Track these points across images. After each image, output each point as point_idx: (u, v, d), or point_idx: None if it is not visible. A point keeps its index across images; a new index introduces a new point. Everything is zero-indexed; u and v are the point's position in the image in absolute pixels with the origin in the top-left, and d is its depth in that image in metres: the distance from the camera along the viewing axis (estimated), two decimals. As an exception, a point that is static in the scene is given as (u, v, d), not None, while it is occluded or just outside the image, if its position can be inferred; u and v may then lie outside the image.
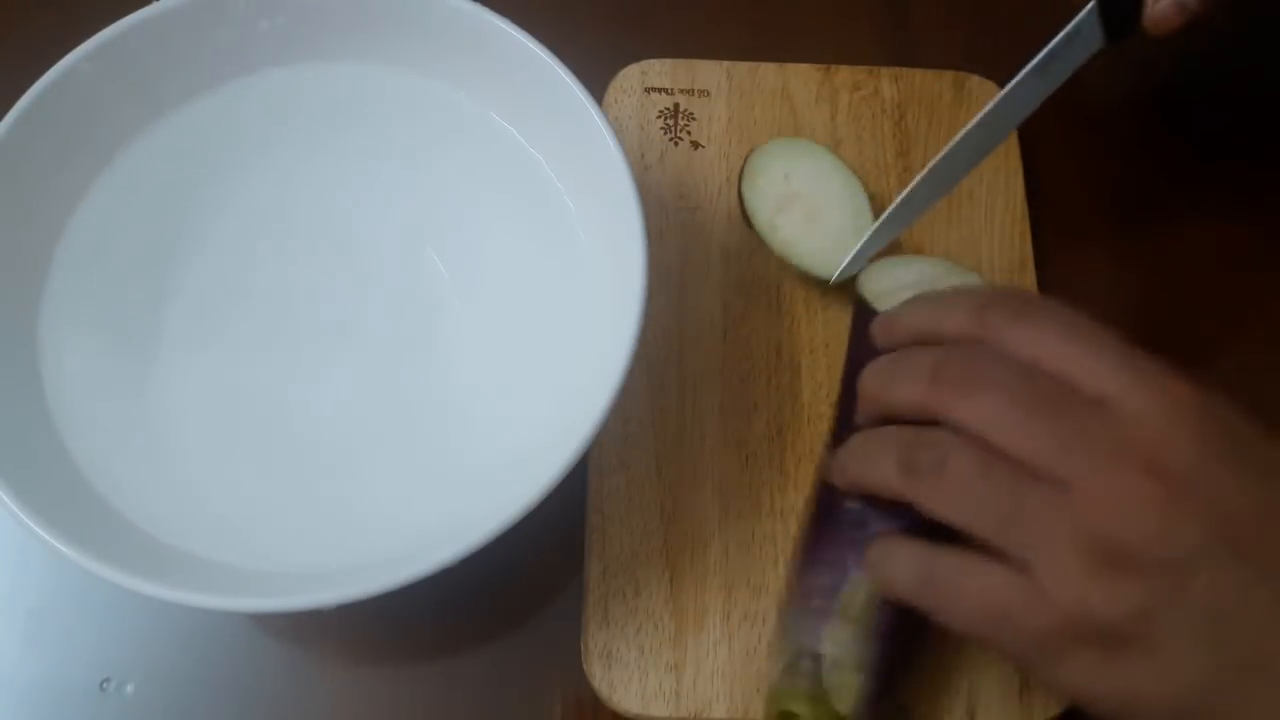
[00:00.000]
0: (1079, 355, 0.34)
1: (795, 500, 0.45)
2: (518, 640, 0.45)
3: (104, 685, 0.43)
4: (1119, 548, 0.32)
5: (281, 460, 0.41)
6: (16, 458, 0.37)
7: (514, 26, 0.42)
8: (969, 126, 0.42)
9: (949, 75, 0.53)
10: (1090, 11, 0.40)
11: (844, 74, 0.52)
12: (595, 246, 0.43)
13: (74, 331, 0.41)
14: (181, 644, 0.44)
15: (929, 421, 0.35)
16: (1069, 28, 0.40)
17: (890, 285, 0.44)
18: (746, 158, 0.48)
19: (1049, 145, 0.49)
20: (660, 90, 0.52)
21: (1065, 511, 0.32)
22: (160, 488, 0.40)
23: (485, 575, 0.42)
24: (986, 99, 0.52)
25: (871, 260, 0.46)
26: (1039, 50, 0.41)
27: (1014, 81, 0.41)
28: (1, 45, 0.53)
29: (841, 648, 0.38)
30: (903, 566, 0.36)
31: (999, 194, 0.51)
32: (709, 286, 0.49)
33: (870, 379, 0.39)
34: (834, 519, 0.40)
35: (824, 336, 0.48)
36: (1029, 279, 0.49)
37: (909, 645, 0.40)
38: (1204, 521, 0.32)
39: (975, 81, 0.53)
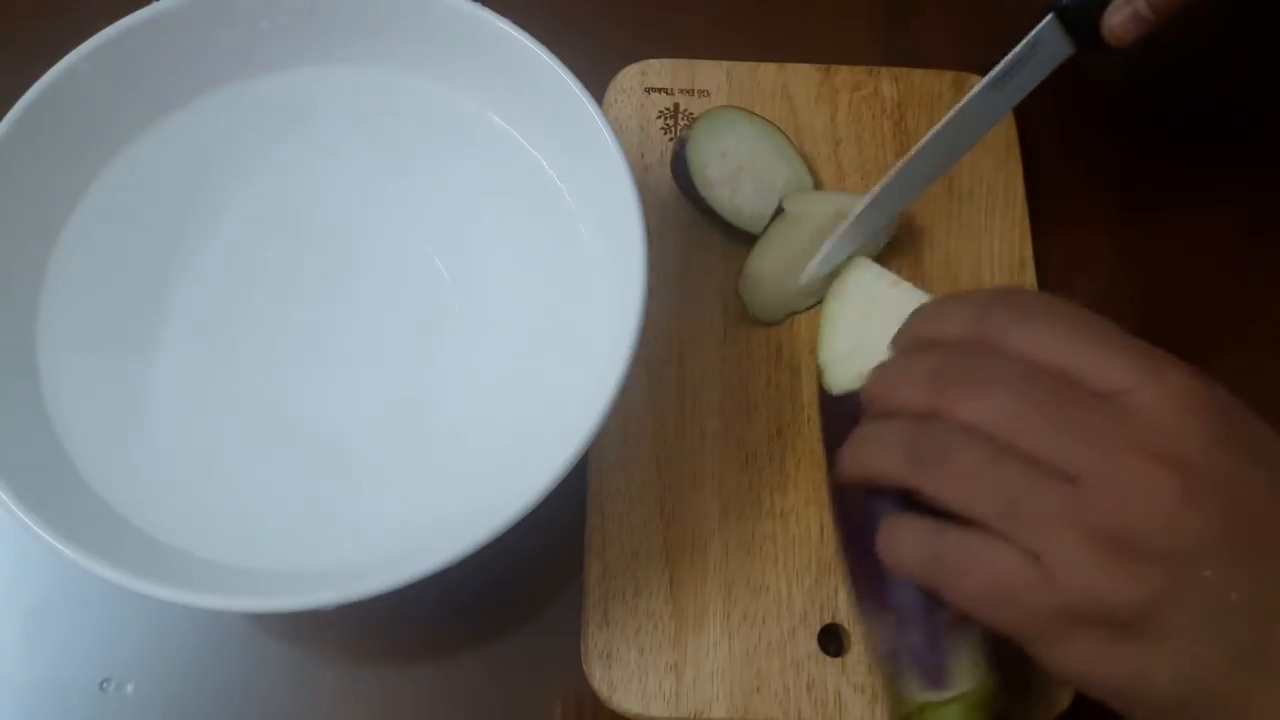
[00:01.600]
0: (1084, 349, 0.34)
1: (795, 500, 0.45)
2: (518, 640, 0.45)
3: (104, 685, 0.43)
4: (1129, 536, 0.32)
5: (282, 461, 0.41)
6: (16, 458, 0.37)
7: (514, 27, 0.42)
8: (929, 135, 0.43)
9: (949, 75, 0.53)
10: (1050, 23, 0.41)
11: (844, 74, 0.52)
12: (595, 246, 0.43)
13: (73, 332, 0.41)
14: (181, 644, 0.44)
15: None
16: (1029, 37, 0.41)
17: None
18: (682, 158, 0.48)
19: (1049, 145, 0.49)
20: (660, 90, 0.52)
21: (1073, 503, 0.32)
22: (160, 488, 0.40)
23: (485, 575, 0.42)
24: (986, 99, 0.52)
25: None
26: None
27: (971, 94, 0.42)
28: (1, 45, 0.53)
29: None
30: (910, 544, 0.36)
31: (999, 194, 0.51)
32: (709, 286, 0.49)
33: (873, 381, 0.39)
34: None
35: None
36: (1029, 279, 0.49)
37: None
38: (1214, 510, 0.32)
39: (975, 81, 0.52)
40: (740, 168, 0.48)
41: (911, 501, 0.36)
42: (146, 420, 0.41)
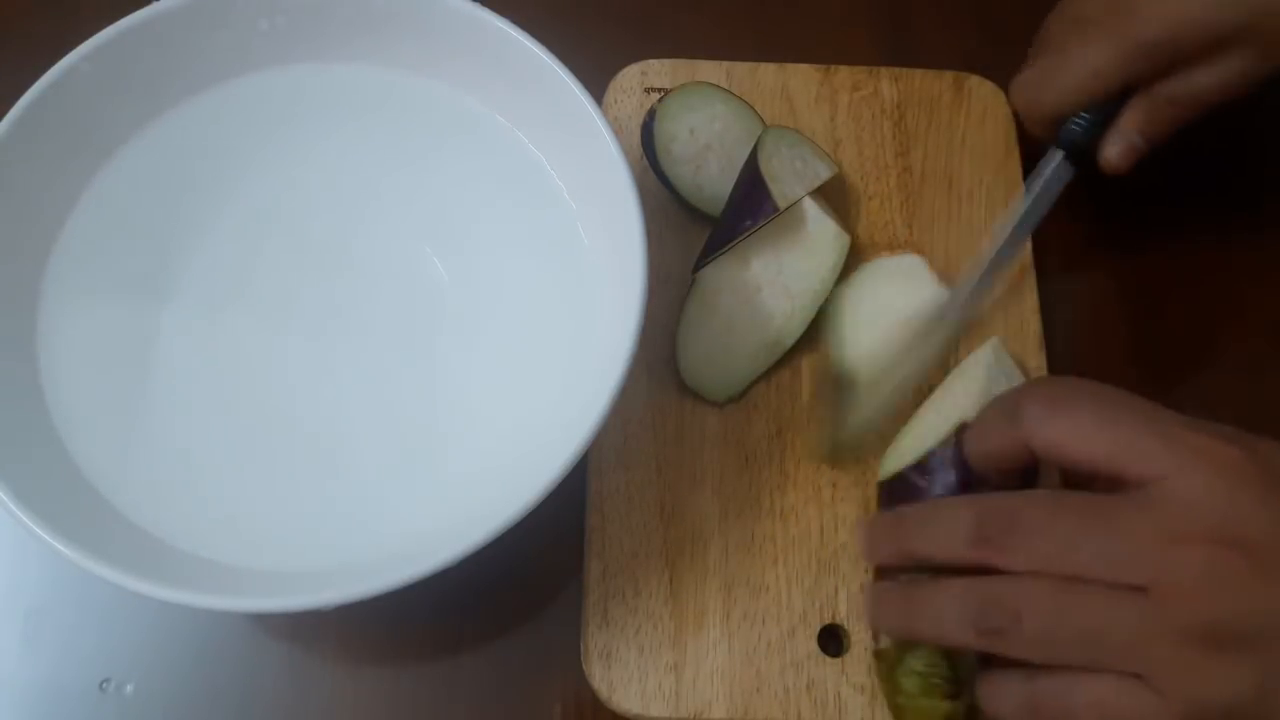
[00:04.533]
0: (1117, 438, 0.34)
1: (795, 500, 0.45)
2: (518, 640, 0.45)
3: (104, 685, 0.43)
4: (1218, 628, 0.31)
5: (281, 460, 0.41)
6: (16, 458, 0.37)
7: (514, 27, 0.42)
8: (967, 281, 0.46)
9: (949, 75, 0.53)
10: (1060, 160, 0.45)
11: (844, 74, 0.52)
12: (595, 246, 0.43)
13: (72, 331, 0.41)
14: (181, 644, 0.44)
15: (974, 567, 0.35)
16: (1044, 179, 0.45)
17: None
18: (649, 129, 0.48)
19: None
20: (660, 90, 0.51)
21: (1154, 616, 0.32)
22: (160, 487, 0.40)
23: (485, 575, 0.42)
24: (986, 99, 0.52)
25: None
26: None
27: (1003, 240, 0.46)
28: (1, 45, 0.53)
29: None
30: (1005, 699, 0.36)
31: (999, 194, 0.51)
32: (709, 286, 0.49)
33: (898, 532, 0.38)
34: None
35: (824, 337, 0.48)
36: (1029, 278, 0.49)
37: None
38: None
39: (975, 81, 0.53)
40: (708, 146, 0.47)
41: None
42: (146, 420, 0.41)
